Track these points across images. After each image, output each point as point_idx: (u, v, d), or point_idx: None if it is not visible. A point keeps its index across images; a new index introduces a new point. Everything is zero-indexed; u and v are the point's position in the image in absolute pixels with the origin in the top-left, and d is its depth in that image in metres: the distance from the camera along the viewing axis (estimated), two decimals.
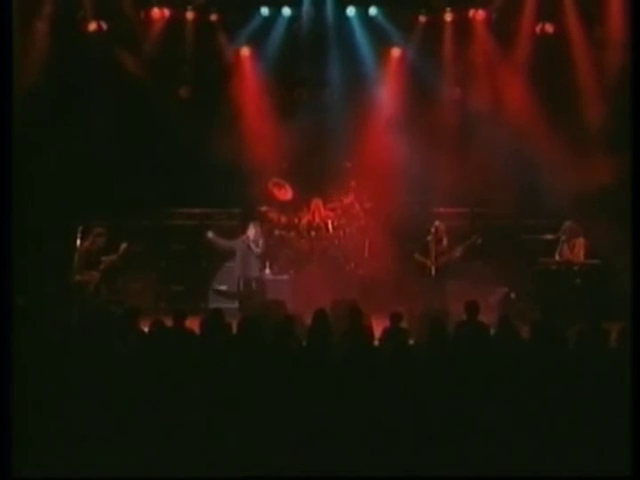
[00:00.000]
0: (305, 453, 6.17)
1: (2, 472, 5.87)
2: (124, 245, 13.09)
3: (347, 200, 15.67)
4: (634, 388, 6.20)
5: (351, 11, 15.87)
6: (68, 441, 6.20)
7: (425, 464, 6.10)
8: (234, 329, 8.32)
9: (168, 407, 6.45)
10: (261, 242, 14.10)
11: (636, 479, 5.80)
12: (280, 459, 6.14)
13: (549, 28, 15.36)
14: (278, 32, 15.89)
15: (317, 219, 15.60)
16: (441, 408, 6.41)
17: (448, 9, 15.62)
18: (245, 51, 16.20)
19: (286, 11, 15.84)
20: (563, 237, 13.43)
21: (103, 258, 12.98)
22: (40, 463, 6.09)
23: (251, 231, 14.03)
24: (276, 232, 15.55)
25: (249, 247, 13.93)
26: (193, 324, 8.73)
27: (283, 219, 15.72)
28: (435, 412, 6.39)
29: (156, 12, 15.67)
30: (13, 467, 5.93)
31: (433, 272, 13.47)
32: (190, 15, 15.72)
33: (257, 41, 16.00)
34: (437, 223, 13.62)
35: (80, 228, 13.13)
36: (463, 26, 15.70)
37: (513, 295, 13.50)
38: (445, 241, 13.49)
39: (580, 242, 13.37)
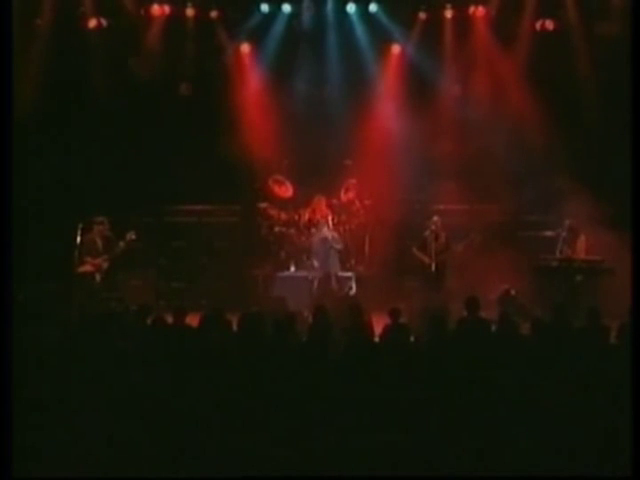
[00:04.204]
0: (305, 450, 6.17)
1: (2, 472, 5.86)
2: (131, 233, 13.11)
3: (347, 197, 15.67)
4: (634, 385, 6.19)
5: (351, 8, 15.87)
6: (68, 440, 6.19)
7: (425, 462, 6.10)
8: (234, 326, 8.33)
9: (168, 405, 6.45)
10: (337, 237, 14.25)
11: (636, 479, 5.79)
12: (280, 456, 6.13)
13: (549, 25, 15.36)
14: (278, 29, 15.89)
15: (317, 216, 15.59)
16: (441, 404, 6.41)
17: (448, 6, 15.63)
18: (245, 48, 16.21)
19: (286, 8, 15.85)
20: (563, 234, 13.46)
21: (120, 243, 13.02)
22: (40, 463, 6.08)
23: (325, 230, 14.18)
24: (276, 229, 15.56)
25: (332, 246, 14.15)
26: (193, 321, 8.73)
27: (283, 216, 15.72)
28: (435, 408, 6.39)
29: (156, 9, 15.69)
30: (13, 467, 5.93)
31: (433, 268, 13.50)
32: (190, 12, 15.72)
33: (257, 38, 16.00)
34: (435, 219, 13.64)
35: (80, 225, 13.16)
36: (463, 23, 15.69)
37: (513, 291, 13.49)
38: (443, 237, 13.50)
39: (581, 240, 13.40)
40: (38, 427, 6.29)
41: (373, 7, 15.80)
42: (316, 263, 14.32)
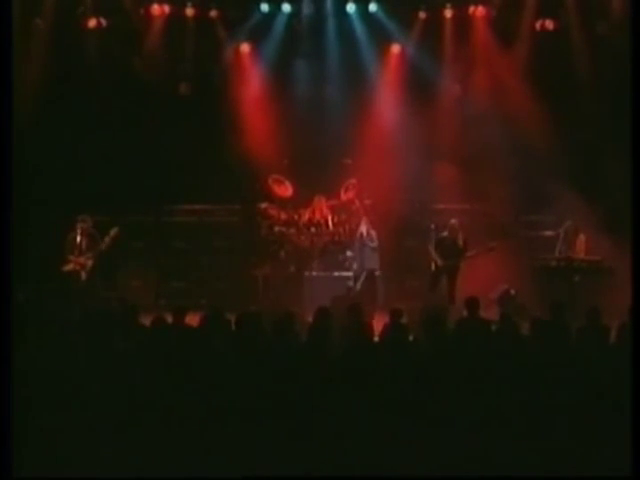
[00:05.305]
0: (304, 450, 6.17)
1: (2, 472, 5.86)
2: (114, 229, 13.16)
3: (347, 196, 15.68)
4: (634, 385, 6.19)
5: (351, 7, 15.88)
6: (68, 440, 6.19)
7: (424, 462, 6.10)
8: (233, 325, 8.32)
9: (168, 404, 6.44)
10: (374, 235, 14.23)
11: (636, 479, 5.79)
12: (279, 456, 6.13)
13: (549, 24, 15.39)
14: (278, 29, 15.89)
15: (317, 216, 15.61)
16: (441, 404, 6.41)
17: (448, 5, 15.65)
18: (245, 47, 16.21)
19: (286, 7, 15.85)
20: (562, 234, 13.48)
21: (105, 239, 13.07)
22: (40, 463, 6.08)
23: (363, 227, 14.22)
24: (276, 229, 15.57)
25: (365, 244, 14.17)
26: (193, 321, 8.72)
27: (283, 215, 15.74)
28: (435, 408, 6.39)
29: (156, 8, 15.70)
30: (13, 467, 5.92)
31: (433, 268, 13.52)
32: (190, 11, 15.73)
33: (257, 37, 16.00)
34: (453, 221, 13.62)
35: (79, 224, 13.21)
36: (463, 23, 15.71)
37: (513, 291, 13.49)
38: (461, 242, 13.46)
39: (580, 240, 13.42)
40: (38, 427, 6.28)
41: (373, 7, 15.80)
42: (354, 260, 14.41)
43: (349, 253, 14.51)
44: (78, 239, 13.15)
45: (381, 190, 15.18)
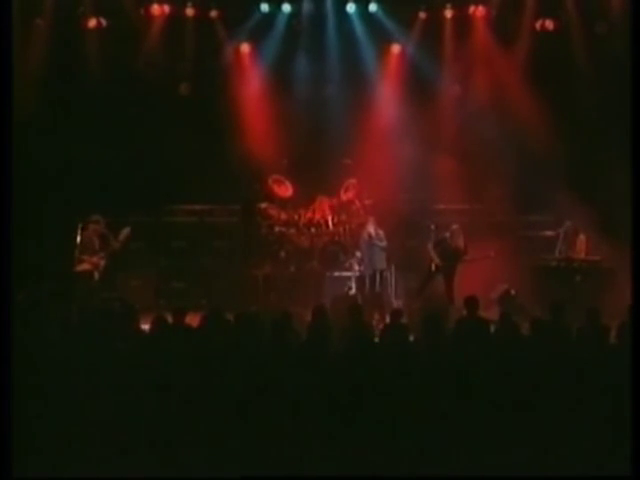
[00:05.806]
0: (304, 450, 6.17)
1: (3, 472, 5.86)
2: (127, 229, 13.18)
3: (347, 196, 15.67)
4: (634, 385, 6.19)
5: (351, 7, 15.88)
6: (68, 440, 6.19)
7: (424, 462, 6.10)
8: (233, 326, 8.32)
9: (168, 405, 6.44)
10: (382, 234, 14.21)
11: (636, 479, 5.79)
12: (279, 456, 6.13)
13: (549, 24, 15.39)
14: (278, 29, 15.90)
15: (317, 216, 15.60)
16: (441, 404, 6.41)
17: (448, 5, 15.65)
18: (245, 47, 16.22)
19: (286, 7, 15.85)
20: (562, 234, 13.48)
21: (117, 240, 13.11)
22: (40, 463, 6.08)
23: (371, 228, 14.18)
24: (276, 229, 15.56)
25: (374, 244, 14.06)
26: (193, 321, 8.72)
27: (283, 216, 15.73)
28: (435, 408, 6.39)
29: (156, 8, 15.69)
30: (14, 467, 5.92)
31: (433, 268, 13.53)
32: (190, 11, 15.72)
33: (257, 38, 16.01)
34: (455, 227, 13.62)
35: (80, 225, 13.21)
36: (463, 23, 15.71)
37: (513, 291, 13.49)
38: (461, 246, 13.46)
39: (581, 240, 13.42)
40: (38, 427, 6.28)
41: (373, 7, 15.80)
42: (362, 260, 14.37)
43: (359, 254, 14.46)
44: (91, 239, 13.13)
45: (381, 190, 15.18)
